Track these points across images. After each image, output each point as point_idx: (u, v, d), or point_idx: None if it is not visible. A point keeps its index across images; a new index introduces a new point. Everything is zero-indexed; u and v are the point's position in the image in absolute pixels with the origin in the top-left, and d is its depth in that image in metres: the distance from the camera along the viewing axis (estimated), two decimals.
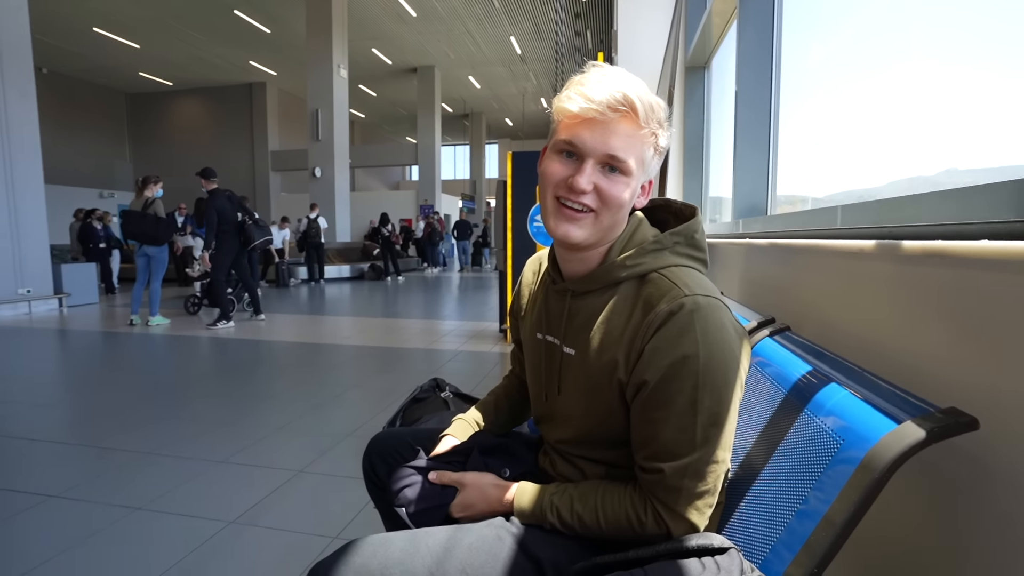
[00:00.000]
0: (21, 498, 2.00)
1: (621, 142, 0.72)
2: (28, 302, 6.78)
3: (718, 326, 0.69)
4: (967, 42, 1.02)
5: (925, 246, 0.68)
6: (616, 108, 0.71)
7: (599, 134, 0.72)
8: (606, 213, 0.75)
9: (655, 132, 0.74)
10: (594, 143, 0.72)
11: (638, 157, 0.74)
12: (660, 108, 0.75)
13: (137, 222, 5.65)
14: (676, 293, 0.71)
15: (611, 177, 0.74)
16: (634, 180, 0.75)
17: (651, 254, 0.77)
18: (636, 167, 0.74)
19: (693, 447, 0.68)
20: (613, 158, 0.73)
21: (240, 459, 2.36)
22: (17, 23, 6.71)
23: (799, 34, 1.85)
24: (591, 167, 0.73)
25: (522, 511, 0.79)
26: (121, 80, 18.75)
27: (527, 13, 13.77)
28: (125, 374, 4.01)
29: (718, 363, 0.68)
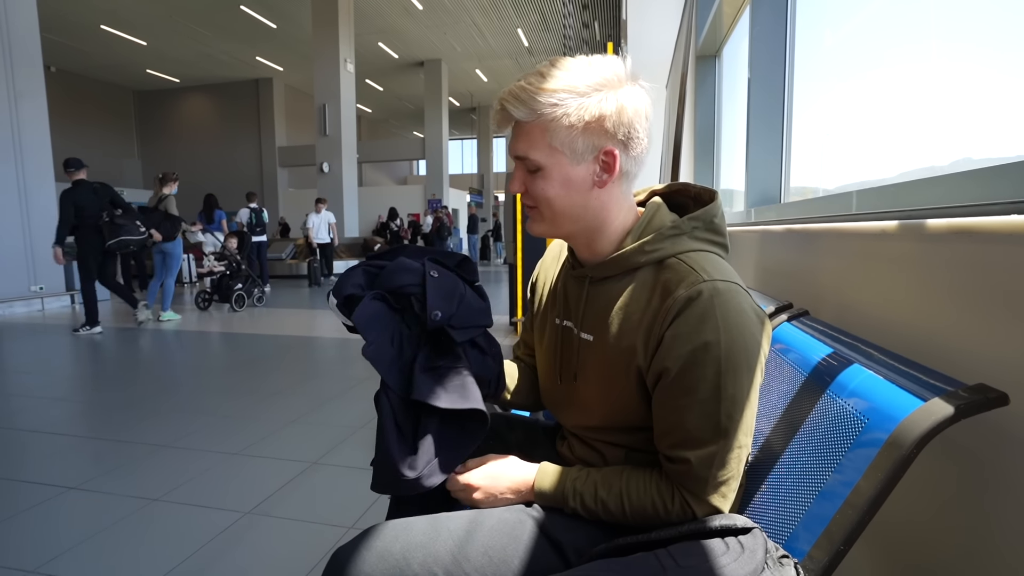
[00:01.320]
0: (40, 490, 2.03)
1: (519, 142, 0.75)
2: (41, 299, 6.86)
3: (738, 311, 0.68)
4: (984, 29, 1.01)
5: (950, 223, 0.68)
6: (501, 121, 0.76)
7: (512, 140, 0.76)
8: (544, 207, 0.76)
9: (555, 115, 0.71)
10: (509, 150, 0.77)
11: (543, 147, 0.73)
12: (553, 92, 0.70)
13: (149, 218, 5.72)
14: (695, 278, 0.70)
15: (532, 176, 0.76)
16: (552, 171, 0.74)
17: (669, 239, 0.76)
18: (545, 158, 0.73)
19: (717, 434, 0.68)
20: (521, 159, 0.76)
21: (254, 451, 2.39)
22: (26, 22, 6.76)
23: (813, 21, 1.83)
24: (519, 171, 0.77)
25: (543, 493, 0.79)
26: (128, 77, 18.84)
27: (534, 5, 13.68)
28: (138, 369, 4.05)
29: (739, 348, 0.67)
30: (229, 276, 6.77)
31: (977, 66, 1.03)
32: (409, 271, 0.85)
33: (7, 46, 6.51)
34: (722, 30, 2.86)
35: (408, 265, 0.85)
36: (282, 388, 3.39)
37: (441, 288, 0.84)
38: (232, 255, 6.84)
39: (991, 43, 0.98)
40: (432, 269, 0.86)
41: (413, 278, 0.84)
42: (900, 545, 0.81)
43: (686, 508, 0.70)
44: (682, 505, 0.71)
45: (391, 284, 0.83)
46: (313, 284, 9.98)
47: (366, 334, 0.79)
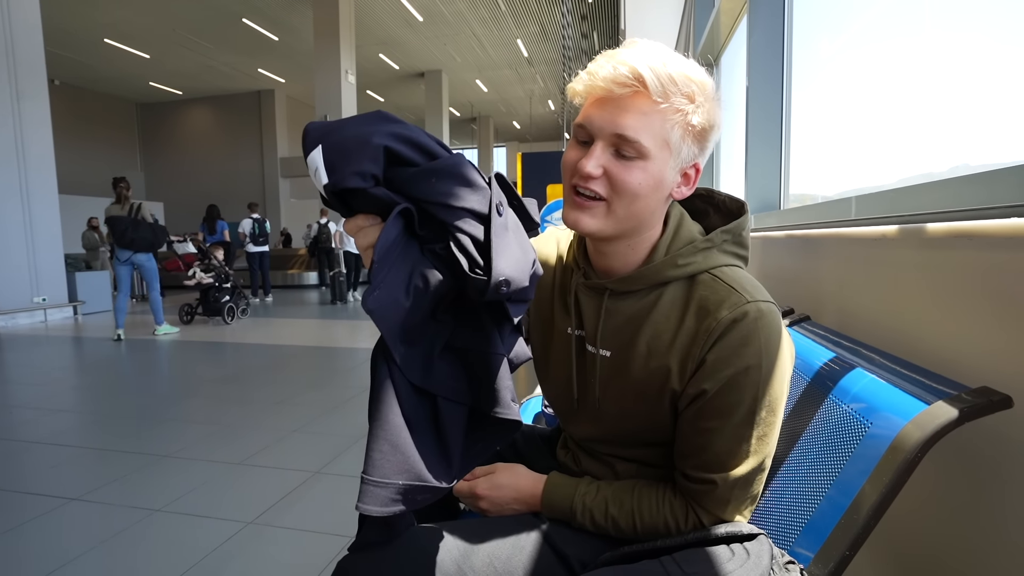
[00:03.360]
0: (42, 501, 2.02)
1: (633, 120, 0.64)
2: (44, 310, 6.88)
3: (778, 335, 0.66)
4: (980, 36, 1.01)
5: (950, 227, 0.68)
6: (624, 84, 0.63)
7: (608, 112, 0.65)
8: (619, 202, 0.66)
9: (681, 109, 0.64)
10: (602, 122, 0.65)
11: (657, 137, 0.65)
12: (690, 81, 0.65)
13: (134, 228, 5.32)
14: (737, 299, 0.66)
15: (624, 162, 0.65)
16: (654, 164, 0.66)
17: (702, 252, 0.71)
18: (655, 149, 0.65)
19: (747, 458, 0.66)
20: (622, 138, 0.64)
21: (257, 461, 2.38)
22: (30, 36, 6.83)
23: (810, 29, 1.84)
24: (600, 150, 0.66)
25: (551, 506, 0.77)
26: (131, 90, 18.99)
27: (533, 16, 13.80)
28: (139, 380, 4.05)
29: (778, 374, 0.66)
30: (216, 288, 6.50)
31: (973, 72, 1.03)
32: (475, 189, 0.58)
33: (12, 60, 6.58)
34: (720, 38, 2.89)
35: (473, 179, 0.59)
36: (284, 398, 3.39)
37: (513, 244, 0.60)
38: (220, 266, 6.62)
39: (987, 49, 0.99)
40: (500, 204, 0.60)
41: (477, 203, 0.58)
42: (906, 549, 0.81)
43: (700, 527, 0.69)
44: (696, 524, 0.69)
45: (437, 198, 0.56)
46: (338, 300, 8.59)
47: (377, 268, 0.55)
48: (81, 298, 7.38)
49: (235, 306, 6.64)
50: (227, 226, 8.83)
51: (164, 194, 18.24)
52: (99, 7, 12.57)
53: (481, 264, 0.57)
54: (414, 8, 13.12)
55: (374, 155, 0.54)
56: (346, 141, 0.54)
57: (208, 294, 6.49)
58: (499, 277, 0.56)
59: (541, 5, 13.15)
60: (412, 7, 13.06)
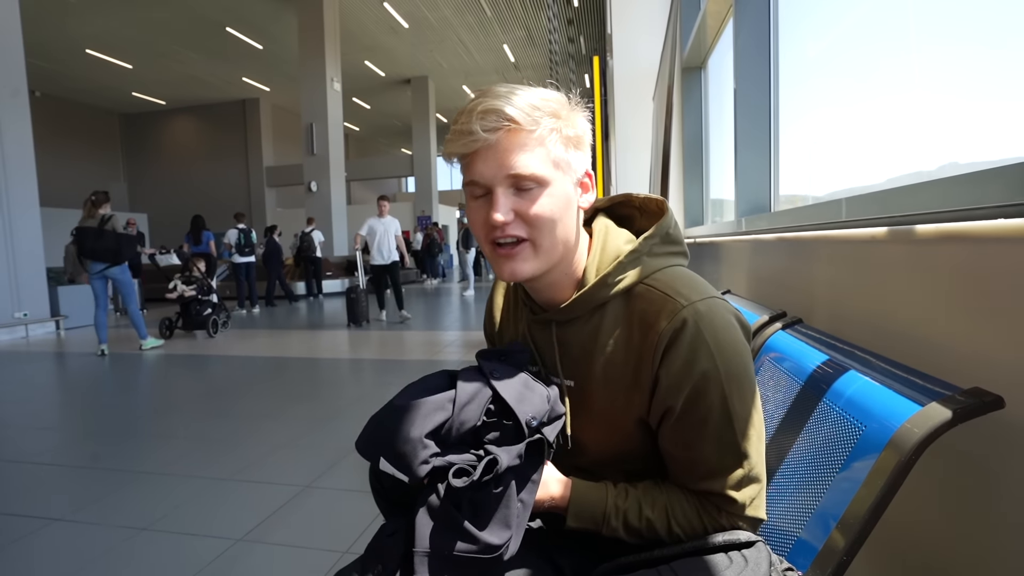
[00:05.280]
0: (23, 522, 1.97)
1: (518, 157, 0.65)
2: (25, 326, 6.75)
3: (724, 327, 0.66)
4: (965, 35, 1.03)
5: (940, 228, 0.68)
6: (495, 128, 0.65)
7: (493, 160, 0.66)
8: (540, 235, 0.67)
9: (553, 128, 0.67)
10: (491, 171, 0.66)
11: (546, 161, 0.66)
12: (548, 100, 0.67)
13: (96, 238, 5.08)
14: (673, 306, 0.66)
15: (528, 195, 0.66)
16: (555, 187, 0.67)
17: (631, 264, 0.71)
18: (550, 172, 0.66)
19: (740, 456, 0.66)
20: (517, 176, 0.65)
21: (245, 476, 2.34)
22: (10, 48, 6.73)
23: (795, 32, 1.86)
24: (501, 195, 0.66)
25: (580, 513, 0.71)
26: (114, 100, 18.81)
27: (520, 21, 13.88)
28: (124, 396, 3.98)
29: (737, 365, 0.66)
30: (198, 301, 6.34)
31: (959, 71, 1.04)
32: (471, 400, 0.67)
33: None
34: (707, 42, 2.91)
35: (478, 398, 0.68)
36: (271, 411, 3.34)
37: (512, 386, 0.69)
38: (202, 278, 6.47)
39: (974, 48, 1.00)
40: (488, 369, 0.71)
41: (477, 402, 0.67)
42: (904, 553, 0.80)
43: (735, 525, 0.68)
44: (729, 518, 0.68)
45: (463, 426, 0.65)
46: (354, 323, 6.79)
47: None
48: (64, 312, 7.25)
49: (217, 318, 6.48)
50: (212, 236, 8.74)
51: (149, 205, 18.05)
52: (80, 18, 12.45)
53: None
54: (399, 15, 13.14)
55: (423, 445, 0.64)
56: (396, 447, 0.65)
57: (189, 307, 6.30)
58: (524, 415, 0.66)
59: (527, 10, 13.23)
60: (397, 14, 13.08)
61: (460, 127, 0.66)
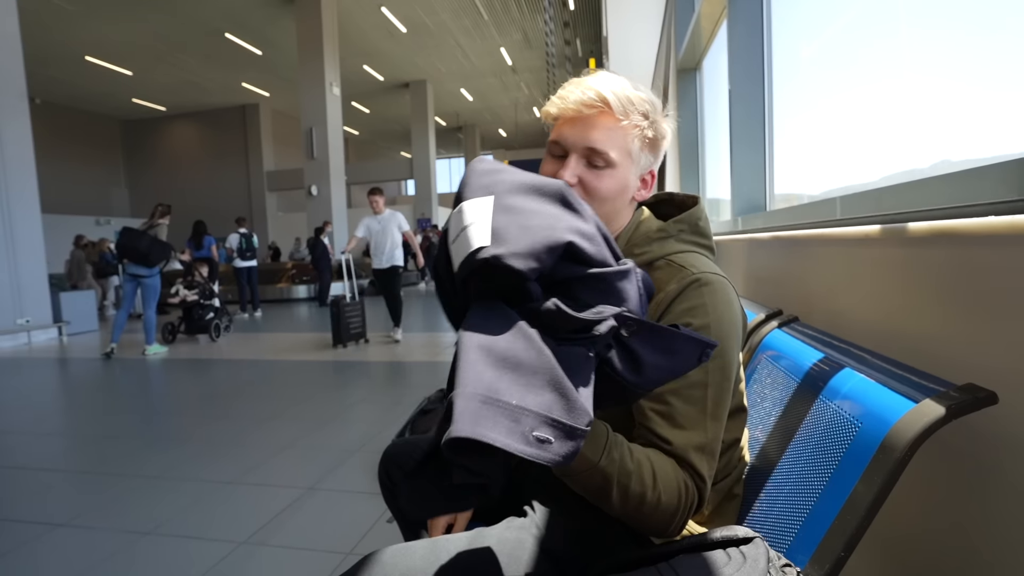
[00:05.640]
0: (27, 528, 1.98)
1: (600, 135, 0.75)
2: (27, 332, 6.76)
3: (726, 302, 0.72)
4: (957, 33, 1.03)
5: (931, 226, 0.69)
6: (591, 105, 0.75)
7: (579, 130, 0.76)
8: (594, 206, 0.71)
9: (638, 125, 0.76)
10: (574, 138, 0.76)
11: (621, 149, 0.76)
12: (644, 101, 0.77)
13: (131, 237, 5.38)
14: (683, 274, 0.73)
15: (595, 171, 0.76)
16: (620, 172, 0.77)
17: (656, 242, 0.79)
18: (620, 159, 0.76)
19: (706, 421, 0.69)
20: (592, 150, 0.75)
21: (248, 479, 2.35)
22: (10, 56, 6.76)
23: (788, 33, 1.87)
24: (574, 162, 0.76)
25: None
26: (115, 107, 18.85)
27: (516, 24, 13.91)
28: (126, 400, 3.99)
29: (726, 337, 0.70)
30: (201, 306, 6.35)
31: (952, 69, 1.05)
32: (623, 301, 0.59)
33: None
34: (701, 44, 2.92)
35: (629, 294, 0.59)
36: (274, 413, 3.35)
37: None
38: (204, 283, 6.49)
39: (965, 46, 1.01)
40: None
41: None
42: (901, 548, 0.81)
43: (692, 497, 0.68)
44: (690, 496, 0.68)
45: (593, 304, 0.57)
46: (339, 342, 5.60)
47: None
48: (66, 318, 7.26)
49: (220, 323, 6.50)
50: (214, 241, 8.75)
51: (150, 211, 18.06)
52: (80, 25, 12.49)
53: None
54: (397, 20, 13.17)
55: (556, 249, 0.51)
56: (531, 220, 0.52)
57: (192, 312, 6.33)
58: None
59: (523, 14, 13.26)
60: (395, 18, 13.11)
61: (564, 94, 0.77)
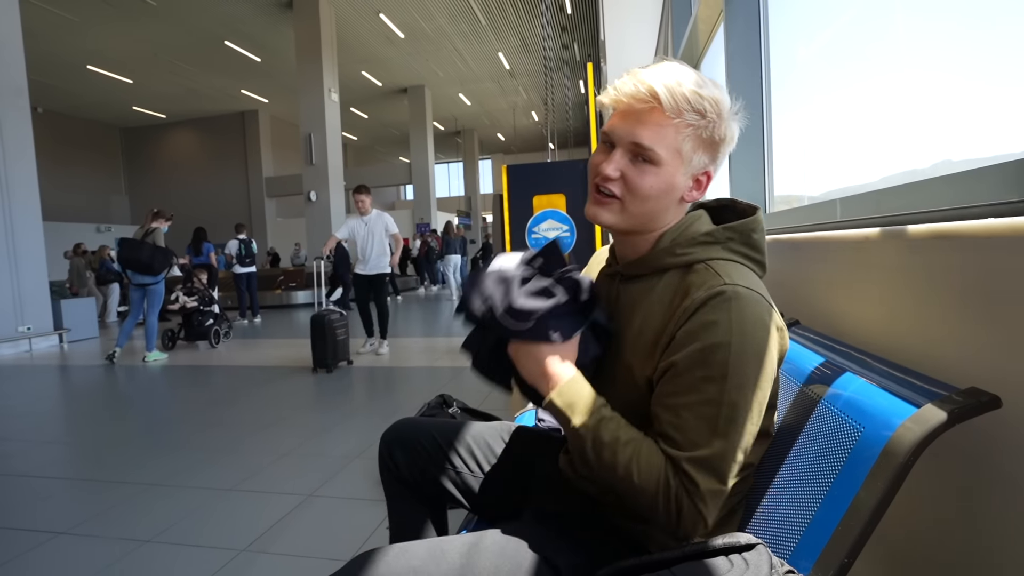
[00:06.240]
0: (28, 536, 1.97)
1: (648, 131, 0.73)
2: (28, 339, 6.75)
3: (754, 319, 0.67)
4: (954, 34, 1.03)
5: (931, 229, 0.68)
6: (642, 100, 0.73)
7: (628, 123, 0.74)
8: (631, 201, 0.75)
9: (692, 123, 0.73)
10: (622, 131, 0.75)
11: (670, 147, 0.73)
12: (703, 99, 0.72)
13: (132, 248, 5.38)
14: (716, 282, 0.70)
15: (639, 167, 0.74)
16: (665, 170, 0.74)
17: (701, 246, 0.76)
18: (668, 157, 0.73)
19: (714, 437, 0.66)
20: (638, 146, 0.73)
21: (247, 486, 2.34)
22: (13, 66, 6.77)
23: (786, 35, 1.87)
24: (619, 155, 0.75)
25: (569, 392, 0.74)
26: (115, 115, 18.90)
27: (513, 29, 13.94)
28: (127, 408, 3.98)
29: (750, 357, 0.66)
30: (200, 312, 6.33)
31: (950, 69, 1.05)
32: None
33: None
34: (698, 47, 2.93)
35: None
36: (274, 420, 3.34)
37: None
38: (204, 289, 6.47)
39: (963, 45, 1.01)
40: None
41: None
42: (904, 553, 0.80)
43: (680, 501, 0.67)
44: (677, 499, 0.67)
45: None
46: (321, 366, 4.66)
47: None
48: (67, 325, 7.26)
49: (219, 329, 6.49)
50: (213, 248, 8.76)
51: None
52: (82, 35, 12.53)
53: None
54: (395, 25, 13.21)
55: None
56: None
57: (191, 318, 6.31)
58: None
59: (521, 18, 13.30)
60: (393, 24, 13.15)
61: (618, 84, 0.76)
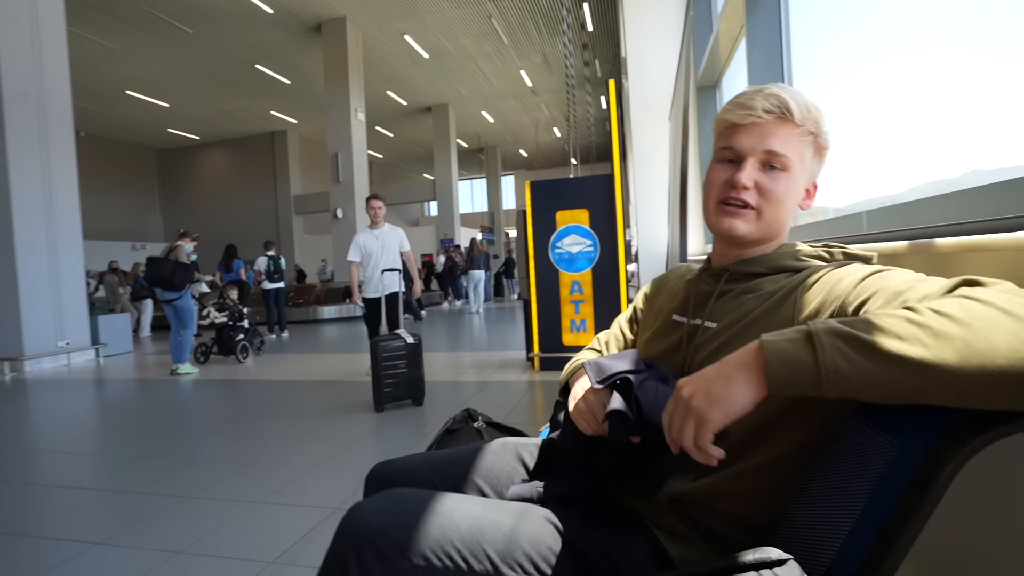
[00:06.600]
0: (66, 547, 2.03)
1: (778, 140, 0.77)
2: (67, 354, 7.01)
3: None
4: (981, 42, 1.02)
5: (961, 242, 0.68)
6: (771, 111, 0.77)
7: (756, 136, 0.78)
8: (768, 208, 0.78)
9: (812, 132, 0.78)
10: (752, 143, 0.78)
11: (797, 154, 0.78)
12: (817, 109, 0.79)
13: (155, 266, 5.62)
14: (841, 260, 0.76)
15: (771, 174, 0.78)
16: (794, 176, 0.78)
17: (814, 254, 0.80)
18: (795, 164, 0.78)
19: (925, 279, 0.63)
20: (771, 153, 0.77)
21: (276, 499, 2.37)
22: (60, 93, 7.14)
23: (809, 46, 1.87)
24: (751, 165, 0.78)
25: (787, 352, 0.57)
26: (151, 137, 19.71)
27: (536, 47, 14.14)
28: (160, 421, 4.09)
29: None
30: (231, 327, 6.54)
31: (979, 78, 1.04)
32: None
33: (43, 116, 6.89)
34: (720, 61, 2.93)
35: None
36: (302, 433, 3.39)
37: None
38: (234, 305, 6.67)
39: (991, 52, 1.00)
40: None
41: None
42: (943, 570, 0.78)
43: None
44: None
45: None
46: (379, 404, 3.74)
47: None
48: (103, 340, 7.52)
49: (249, 344, 6.65)
50: (243, 264, 9.00)
51: None
52: (122, 61, 13.16)
53: None
54: (420, 46, 13.53)
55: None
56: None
57: (223, 333, 6.53)
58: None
59: (543, 37, 13.48)
60: (418, 45, 13.47)
61: (743, 101, 0.79)
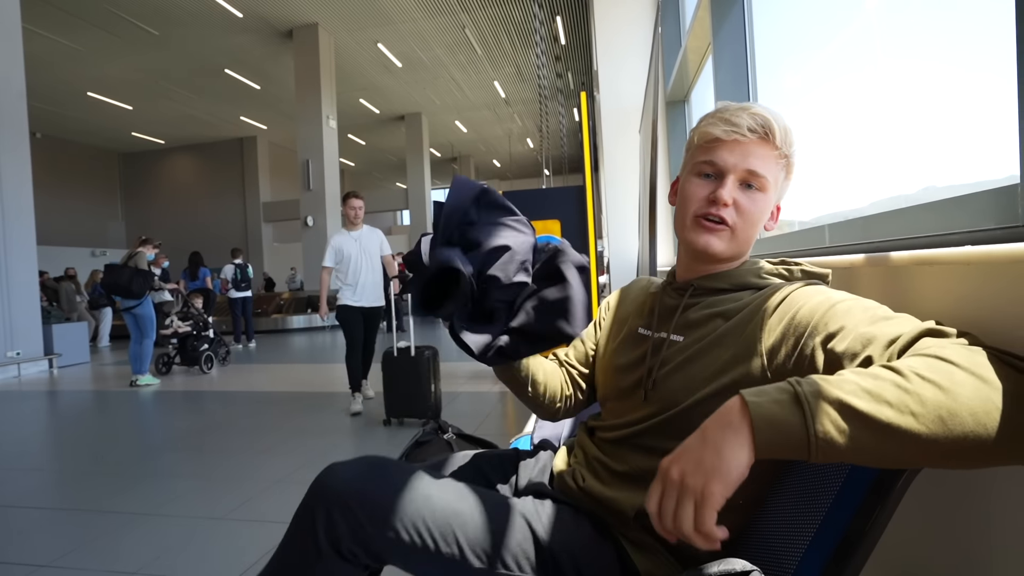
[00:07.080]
0: (8, 570, 1.92)
1: (759, 160, 0.78)
2: (17, 364, 6.68)
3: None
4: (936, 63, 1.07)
5: (913, 255, 0.70)
6: (755, 130, 0.77)
7: (739, 153, 0.78)
8: (743, 227, 0.79)
9: (787, 155, 0.80)
10: (735, 161, 0.78)
11: (773, 176, 0.79)
12: (791, 133, 0.80)
13: (112, 273, 5.50)
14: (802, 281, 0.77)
15: (748, 193, 0.79)
16: (768, 197, 0.80)
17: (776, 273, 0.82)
18: (771, 185, 0.79)
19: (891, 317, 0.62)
20: (752, 173, 0.78)
21: (239, 515, 2.30)
22: (13, 92, 6.87)
23: (773, 63, 1.93)
24: (731, 183, 0.78)
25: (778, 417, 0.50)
26: (114, 140, 19.05)
27: (509, 58, 14.26)
28: (116, 434, 3.92)
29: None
30: (195, 336, 6.32)
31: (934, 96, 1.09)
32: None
33: None
34: (688, 77, 3.01)
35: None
36: (267, 447, 3.30)
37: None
38: (198, 314, 6.46)
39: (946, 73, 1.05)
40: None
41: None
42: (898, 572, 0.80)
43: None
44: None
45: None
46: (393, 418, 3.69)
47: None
48: (58, 350, 7.19)
49: (213, 354, 6.43)
50: (209, 272, 8.76)
51: None
52: (83, 62, 12.72)
53: None
54: (393, 55, 13.49)
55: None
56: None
57: (186, 343, 6.29)
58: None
59: (516, 48, 13.61)
60: (391, 54, 13.43)
61: (728, 116, 0.79)
